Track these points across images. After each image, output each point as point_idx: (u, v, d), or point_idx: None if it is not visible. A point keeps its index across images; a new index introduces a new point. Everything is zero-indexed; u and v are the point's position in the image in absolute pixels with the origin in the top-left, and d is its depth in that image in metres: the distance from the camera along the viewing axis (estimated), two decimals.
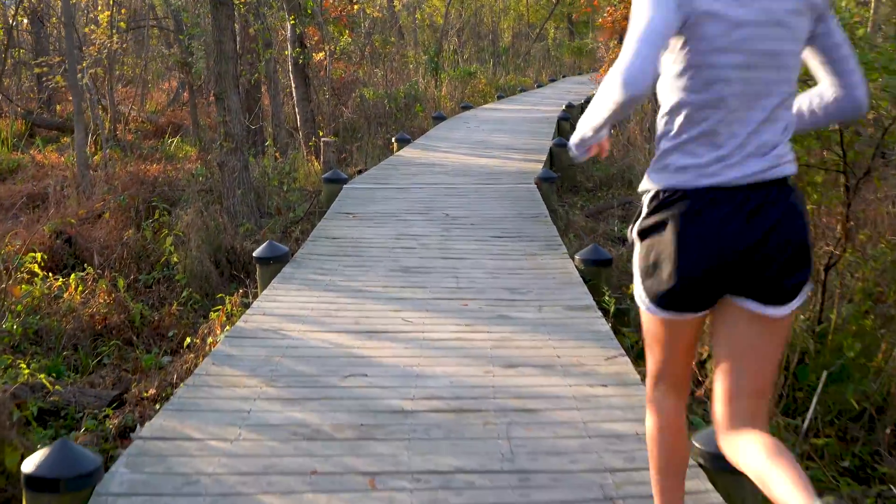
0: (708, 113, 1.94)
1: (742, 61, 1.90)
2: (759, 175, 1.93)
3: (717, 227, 1.92)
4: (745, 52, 1.90)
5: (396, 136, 12.30)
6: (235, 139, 8.84)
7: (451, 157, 11.11)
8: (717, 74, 1.91)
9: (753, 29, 1.89)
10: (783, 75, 1.94)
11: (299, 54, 12.64)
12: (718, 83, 1.92)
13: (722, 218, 1.92)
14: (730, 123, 1.93)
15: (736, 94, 1.92)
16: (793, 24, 1.92)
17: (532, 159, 11.03)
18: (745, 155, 1.94)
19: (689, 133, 1.98)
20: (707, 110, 1.94)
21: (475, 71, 23.12)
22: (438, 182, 9.20)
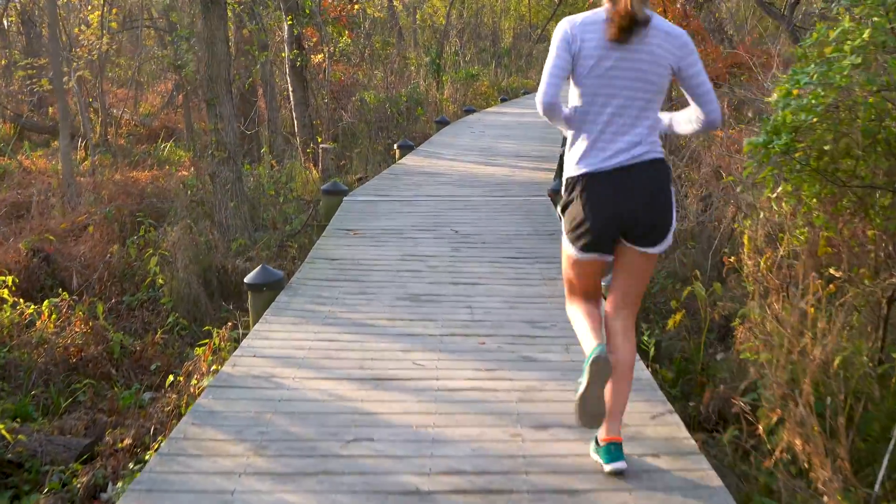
0: (596, 121, 2.91)
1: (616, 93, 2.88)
2: (633, 160, 2.84)
3: (606, 197, 2.87)
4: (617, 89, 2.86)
5: (399, 143, 11.72)
6: (228, 148, 8.26)
7: (457, 166, 10.53)
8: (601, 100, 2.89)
9: (619, 76, 2.84)
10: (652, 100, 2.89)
11: (297, 56, 12.05)
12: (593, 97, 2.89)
13: (611, 190, 2.86)
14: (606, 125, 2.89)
15: (608, 111, 2.87)
16: (656, 66, 2.83)
17: (542, 168, 10.45)
18: (612, 141, 2.89)
19: (582, 131, 2.97)
20: (595, 120, 2.91)
21: (478, 73, 22.53)
22: (444, 194, 8.62)
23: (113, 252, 7.56)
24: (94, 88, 17.27)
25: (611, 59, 2.77)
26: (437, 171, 10.16)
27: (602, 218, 2.83)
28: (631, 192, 2.80)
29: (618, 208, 2.81)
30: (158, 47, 28.15)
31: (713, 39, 12.53)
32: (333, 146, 11.90)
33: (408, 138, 15.50)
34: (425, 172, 10.02)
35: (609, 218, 2.82)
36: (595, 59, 2.78)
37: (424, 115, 17.82)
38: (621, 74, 2.78)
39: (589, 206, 2.84)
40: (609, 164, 2.83)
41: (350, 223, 7.29)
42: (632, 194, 2.80)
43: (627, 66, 2.77)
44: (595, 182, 2.84)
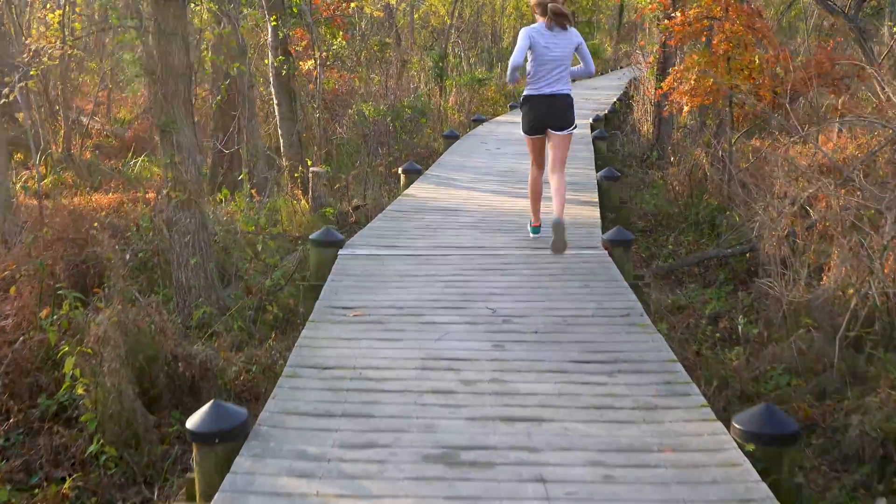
0: (541, 71, 6.12)
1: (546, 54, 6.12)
2: (556, 90, 6.17)
3: (537, 107, 6.24)
4: (543, 52, 6.09)
5: (404, 167, 9.83)
6: (189, 188, 6.36)
7: (477, 198, 8.63)
8: (537, 59, 6.10)
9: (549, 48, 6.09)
10: (565, 60, 6.14)
11: (282, 63, 10.17)
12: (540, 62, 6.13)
13: (539, 105, 6.24)
14: (543, 70, 6.12)
15: (542, 63, 6.09)
16: (565, 49, 6.10)
17: (581, 199, 8.57)
18: (549, 81, 6.13)
19: (535, 76, 6.13)
20: (542, 72, 6.12)
21: (485, 77, 20.65)
22: (469, 244, 6.72)
23: (29, 332, 5.65)
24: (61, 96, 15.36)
25: (546, 44, 6.10)
26: (453, 205, 8.26)
27: (536, 114, 6.29)
28: (553, 106, 6.22)
29: (542, 113, 6.26)
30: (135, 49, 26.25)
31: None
32: (326, 170, 10.01)
33: (412, 154, 13.61)
34: (440, 208, 8.12)
35: (539, 115, 6.28)
36: (540, 46, 6.09)
37: (428, 125, 15.95)
38: (551, 52, 6.11)
39: (537, 110, 6.26)
40: (543, 92, 6.19)
41: (347, 295, 5.40)
42: (553, 108, 6.22)
43: (554, 47, 6.12)
44: (538, 98, 6.23)
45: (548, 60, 6.09)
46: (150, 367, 5.15)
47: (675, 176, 10.39)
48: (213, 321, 6.25)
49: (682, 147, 15.12)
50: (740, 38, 8.45)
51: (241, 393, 5.15)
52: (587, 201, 8.48)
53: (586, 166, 10.70)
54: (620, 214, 9.53)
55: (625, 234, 6.47)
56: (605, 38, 47.70)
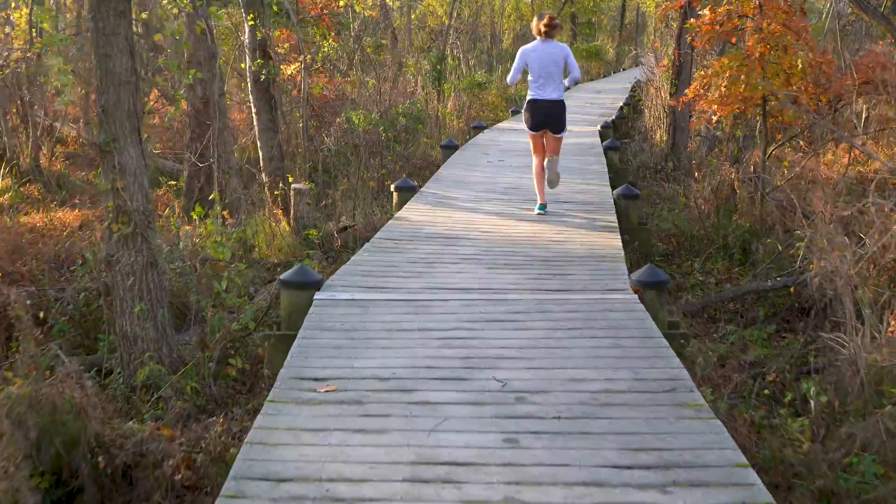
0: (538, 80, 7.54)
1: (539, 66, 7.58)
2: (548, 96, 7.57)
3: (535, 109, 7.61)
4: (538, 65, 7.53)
5: (397, 183, 8.75)
6: (135, 219, 5.29)
7: (480, 223, 7.56)
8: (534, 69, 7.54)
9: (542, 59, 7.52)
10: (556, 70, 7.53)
11: (260, 67, 9.10)
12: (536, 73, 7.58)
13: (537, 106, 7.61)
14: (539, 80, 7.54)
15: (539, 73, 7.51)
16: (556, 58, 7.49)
17: (599, 222, 7.52)
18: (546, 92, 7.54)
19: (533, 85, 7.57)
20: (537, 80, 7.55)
21: (486, 81, 19.57)
22: (471, 284, 5.64)
23: None
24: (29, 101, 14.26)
25: (539, 56, 7.43)
26: (452, 231, 7.19)
27: (536, 116, 7.57)
28: (549, 112, 7.53)
29: (541, 115, 7.56)
30: None
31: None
32: (310, 187, 8.93)
33: (407, 165, 12.54)
34: (436, 236, 7.05)
35: (539, 116, 7.56)
36: (535, 60, 7.44)
37: (425, 132, 14.88)
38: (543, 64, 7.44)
39: (531, 111, 7.58)
40: (540, 97, 7.51)
41: (319, 360, 4.32)
42: (550, 113, 7.54)
43: (544, 59, 7.43)
44: (535, 102, 7.55)
45: (539, 67, 7.58)
46: (69, 454, 4.07)
47: (699, 192, 9.31)
48: (162, 382, 5.17)
49: (699, 157, 14.08)
50: (778, 38, 7.40)
51: (182, 492, 4.07)
52: (605, 226, 7.41)
53: (600, 182, 9.65)
54: (640, 237, 8.48)
55: (657, 275, 5.39)
56: (606, 38, 46.64)
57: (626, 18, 50.78)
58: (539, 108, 7.62)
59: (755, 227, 8.47)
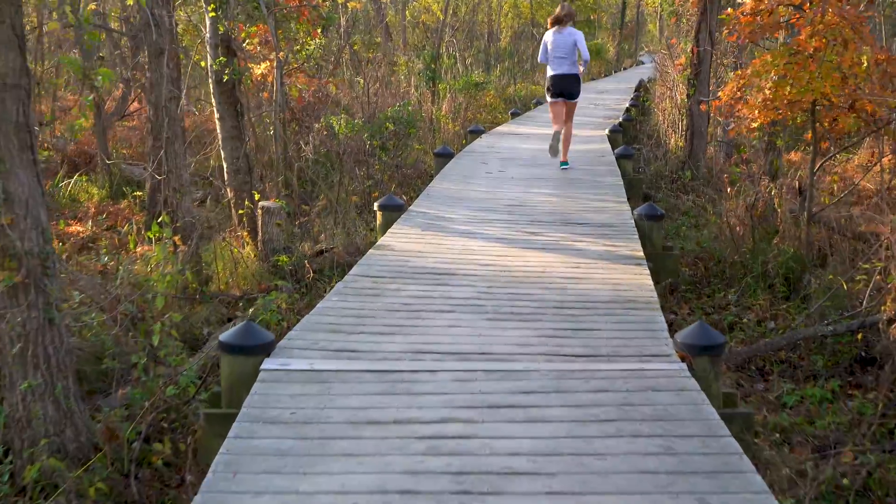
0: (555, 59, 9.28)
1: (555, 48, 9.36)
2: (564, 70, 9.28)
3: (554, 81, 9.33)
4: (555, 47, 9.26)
5: (380, 201, 7.48)
6: (27, 264, 4.02)
7: (477, 252, 6.29)
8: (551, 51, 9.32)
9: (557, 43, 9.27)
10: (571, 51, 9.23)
11: (223, 66, 7.84)
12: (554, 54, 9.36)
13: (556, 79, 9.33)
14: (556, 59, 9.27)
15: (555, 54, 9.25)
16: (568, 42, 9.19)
17: (620, 254, 6.25)
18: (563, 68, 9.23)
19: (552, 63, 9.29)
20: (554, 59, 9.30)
21: (484, 81, 18.29)
22: (465, 346, 4.37)
23: None
24: None
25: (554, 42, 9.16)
26: (444, 265, 5.92)
27: (554, 84, 9.26)
28: (564, 82, 9.23)
29: (559, 85, 9.23)
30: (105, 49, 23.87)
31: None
32: (281, 205, 7.66)
33: (397, 175, 11.28)
34: (425, 271, 5.78)
35: (557, 86, 9.24)
36: (552, 44, 9.19)
37: (418, 136, 13.62)
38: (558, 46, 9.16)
39: (551, 83, 9.30)
40: (556, 72, 9.18)
41: (254, 476, 3.06)
42: (564, 82, 9.23)
43: (559, 43, 9.14)
44: (554, 76, 9.23)
45: (555, 49, 9.26)
46: None
47: (731, 210, 8.06)
48: (62, 477, 3.91)
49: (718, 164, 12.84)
50: (837, 31, 6.16)
51: None
52: (629, 256, 6.15)
53: (616, 198, 8.39)
54: (666, 265, 7.23)
55: (711, 336, 4.13)
56: (607, 37, 45.35)
57: (627, 16, 49.59)
58: (556, 80, 9.42)
59: (800, 253, 7.22)
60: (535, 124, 15.61)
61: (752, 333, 6.49)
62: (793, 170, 9.64)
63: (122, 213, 11.19)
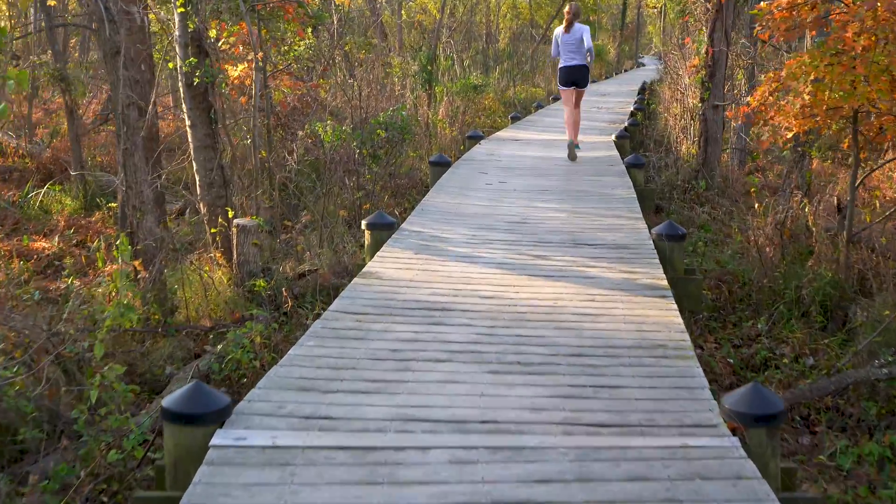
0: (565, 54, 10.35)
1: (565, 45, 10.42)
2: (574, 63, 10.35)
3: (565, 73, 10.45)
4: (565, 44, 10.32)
5: (369, 219, 6.67)
6: None
7: (477, 282, 5.49)
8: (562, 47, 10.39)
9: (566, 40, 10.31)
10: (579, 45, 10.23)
11: (193, 67, 7.06)
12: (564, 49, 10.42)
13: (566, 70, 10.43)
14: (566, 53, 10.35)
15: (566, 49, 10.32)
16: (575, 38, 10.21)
17: (639, 279, 5.47)
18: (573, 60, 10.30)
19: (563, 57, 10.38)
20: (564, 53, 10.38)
21: (483, 84, 17.51)
22: (464, 410, 3.57)
23: None
24: None
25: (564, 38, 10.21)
26: (439, 297, 5.12)
27: (565, 75, 10.39)
28: (573, 72, 10.32)
29: (569, 75, 10.35)
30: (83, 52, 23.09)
31: None
32: (258, 223, 6.87)
33: (390, 187, 10.50)
34: (417, 305, 4.98)
35: (568, 76, 10.36)
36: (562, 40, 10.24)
37: (413, 142, 12.85)
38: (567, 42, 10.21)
39: (562, 74, 10.44)
40: (566, 64, 10.30)
41: None
42: (573, 72, 10.32)
43: (569, 39, 10.17)
44: (565, 68, 10.35)
45: (565, 45, 10.31)
46: None
47: (759, 228, 7.27)
48: None
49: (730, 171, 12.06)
50: (889, 28, 5.38)
51: None
52: (651, 286, 5.36)
53: (630, 213, 7.60)
54: (688, 290, 6.43)
55: (767, 401, 3.34)
56: (607, 38, 44.55)
57: (627, 17, 48.82)
58: (567, 71, 10.44)
59: (838, 277, 6.44)
60: (537, 129, 14.83)
61: (789, 372, 5.71)
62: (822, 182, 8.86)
63: (94, 227, 10.42)
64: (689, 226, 9.90)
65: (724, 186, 11.42)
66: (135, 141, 6.08)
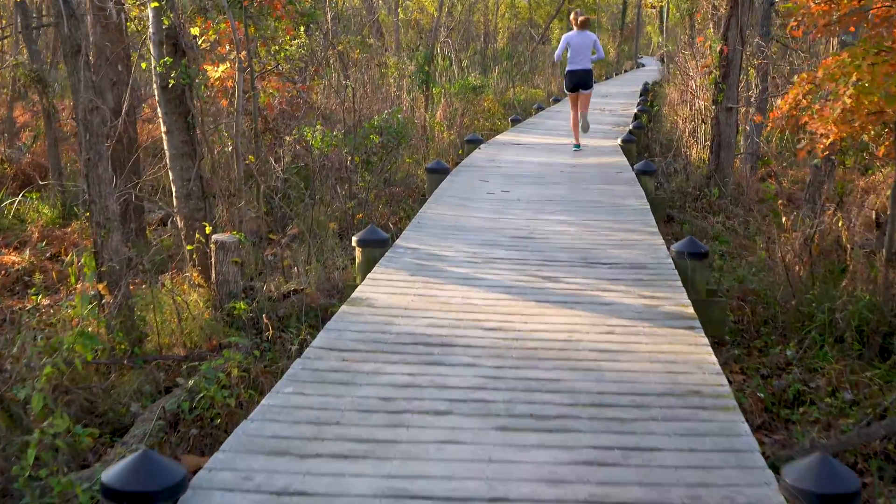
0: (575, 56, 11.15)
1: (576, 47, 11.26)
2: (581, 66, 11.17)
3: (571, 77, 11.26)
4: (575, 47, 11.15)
5: (360, 235, 6.07)
6: None
7: (480, 310, 4.88)
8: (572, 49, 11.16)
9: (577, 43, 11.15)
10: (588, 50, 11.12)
11: (168, 68, 6.45)
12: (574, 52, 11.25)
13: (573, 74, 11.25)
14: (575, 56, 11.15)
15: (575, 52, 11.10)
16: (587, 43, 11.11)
17: (660, 306, 4.88)
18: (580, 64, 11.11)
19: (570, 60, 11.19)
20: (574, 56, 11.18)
21: (482, 85, 16.91)
22: (473, 479, 2.96)
23: None
24: None
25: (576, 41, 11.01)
26: (438, 329, 4.51)
27: (572, 80, 11.17)
28: (580, 76, 11.10)
29: (576, 79, 11.12)
30: None
31: None
32: (240, 238, 6.27)
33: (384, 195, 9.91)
34: (412, 340, 4.37)
35: (574, 81, 11.13)
36: (574, 44, 11.04)
37: (411, 146, 12.26)
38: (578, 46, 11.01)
39: (568, 78, 11.23)
40: (574, 67, 11.08)
41: None
42: (580, 76, 11.10)
43: (580, 43, 10.99)
44: (571, 72, 11.13)
45: (576, 48, 11.11)
46: None
47: (786, 243, 6.68)
48: None
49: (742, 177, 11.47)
50: None
51: None
52: (676, 314, 4.76)
53: (644, 226, 7.01)
54: (711, 314, 5.84)
55: (840, 477, 2.74)
56: (607, 38, 43.96)
57: (627, 17, 48.21)
58: (574, 75, 11.19)
59: (876, 300, 5.84)
60: (539, 132, 14.24)
61: (828, 410, 5.11)
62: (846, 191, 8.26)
63: (70, 239, 9.80)
64: (703, 237, 9.31)
65: (738, 194, 10.83)
66: (99, 150, 5.47)
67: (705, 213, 10.19)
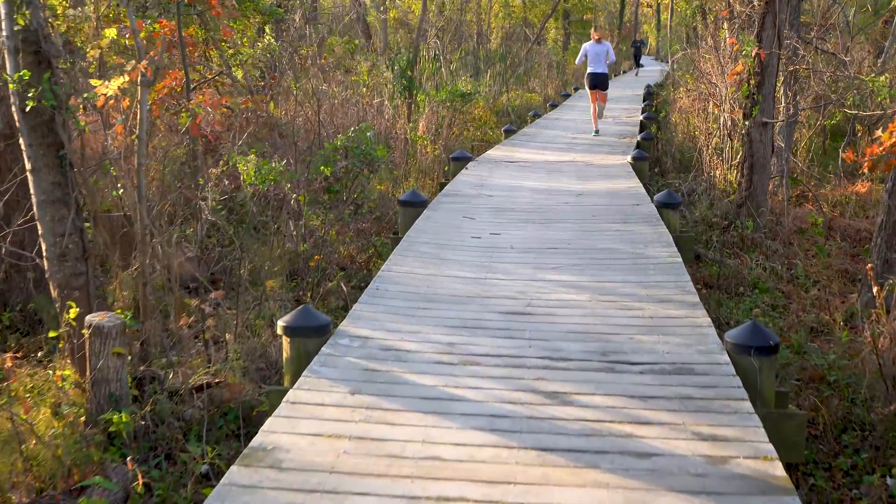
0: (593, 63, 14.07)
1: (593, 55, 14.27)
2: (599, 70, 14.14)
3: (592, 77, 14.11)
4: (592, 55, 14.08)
5: (289, 319, 4.27)
6: None
7: (451, 464, 3.09)
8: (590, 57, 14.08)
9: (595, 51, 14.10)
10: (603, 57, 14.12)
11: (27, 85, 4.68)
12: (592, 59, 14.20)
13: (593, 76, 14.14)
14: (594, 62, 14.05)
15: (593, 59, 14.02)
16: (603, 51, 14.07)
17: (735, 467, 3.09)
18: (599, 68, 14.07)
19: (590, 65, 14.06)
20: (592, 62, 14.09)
21: (472, 92, 15.12)
22: None
23: None
24: None
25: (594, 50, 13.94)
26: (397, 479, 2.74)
27: (592, 81, 14.07)
28: (598, 77, 14.09)
29: (595, 80, 14.06)
30: None
31: None
32: (125, 319, 4.50)
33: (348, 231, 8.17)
34: None
35: (594, 81, 14.06)
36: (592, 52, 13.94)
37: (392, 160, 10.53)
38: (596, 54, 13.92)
39: (589, 79, 14.08)
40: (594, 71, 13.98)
41: None
42: (598, 78, 14.10)
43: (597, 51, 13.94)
44: (592, 74, 14.01)
45: (593, 56, 13.71)
46: None
47: (880, 324, 4.92)
48: None
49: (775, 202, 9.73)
50: None
51: None
52: (756, 476, 3.01)
53: (679, 291, 5.24)
54: (785, 434, 4.09)
55: None
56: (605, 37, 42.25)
57: (625, 16, 46.51)
58: (594, 77, 13.93)
59: None
60: (536, 146, 12.52)
61: None
62: None
63: None
64: (740, 283, 7.57)
65: (773, 223, 9.08)
66: None
67: (737, 248, 8.45)
